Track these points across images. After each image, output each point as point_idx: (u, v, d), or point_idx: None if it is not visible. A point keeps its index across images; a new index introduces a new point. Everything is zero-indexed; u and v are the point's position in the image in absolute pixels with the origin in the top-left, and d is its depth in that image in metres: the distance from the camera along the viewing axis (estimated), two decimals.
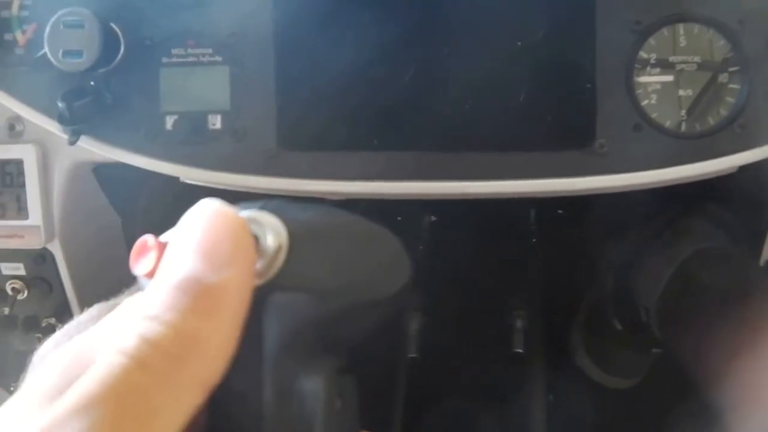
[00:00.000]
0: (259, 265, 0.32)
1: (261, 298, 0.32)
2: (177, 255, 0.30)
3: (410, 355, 1.04)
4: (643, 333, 1.03)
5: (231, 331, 0.30)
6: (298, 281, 0.32)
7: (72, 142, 0.74)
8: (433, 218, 1.10)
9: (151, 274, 0.33)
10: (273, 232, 0.33)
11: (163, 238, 0.34)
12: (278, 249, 0.32)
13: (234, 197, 0.77)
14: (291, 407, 0.33)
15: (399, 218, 1.04)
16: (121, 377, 0.27)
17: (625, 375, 1.19)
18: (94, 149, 0.77)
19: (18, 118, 0.83)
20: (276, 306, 0.32)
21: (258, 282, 0.32)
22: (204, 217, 0.31)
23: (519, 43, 0.74)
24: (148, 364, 0.27)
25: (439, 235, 1.09)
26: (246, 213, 0.33)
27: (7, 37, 0.79)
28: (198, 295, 0.29)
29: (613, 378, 1.19)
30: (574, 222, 1.12)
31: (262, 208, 0.34)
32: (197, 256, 0.30)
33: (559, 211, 1.13)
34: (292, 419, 0.33)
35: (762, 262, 0.73)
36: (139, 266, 0.33)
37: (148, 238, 0.33)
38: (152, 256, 0.33)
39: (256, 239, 0.32)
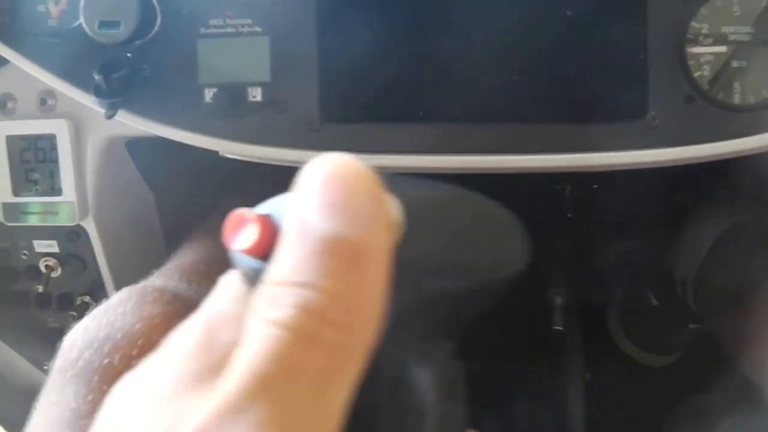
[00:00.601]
0: None
1: None
2: (309, 214, 0.27)
3: None
4: (679, 308, 1.02)
5: (383, 290, 0.28)
6: (415, 258, 0.31)
7: (109, 116, 0.72)
8: None
9: (253, 250, 0.31)
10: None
11: (260, 210, 0.33)
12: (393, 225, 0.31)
13: (275, 171, 0.76)
14: (403, 395, 0.32)
15: None
16: (288, 352, 0.25)
17: (662, 351, 1.18)
18: (131, 123, 0.76)
19: (50, 92, 0.82)
20: (391, 284, 0.31)
21: None
22: (331, 171, 0.28)
23: (569, 13, 0.72)
24: (313, 336, 0.25)
25: None
26: None
27: (40, 8, 0.77)
28: (347, 256, 0.27)
29: (651, 355, 1.18)
30: (609, 195, 1.11)
31: None
32: (335, 212, 0.27)
33: (594, 186, 1.11)
34: (404, 407, 0.32)
35: None
36: (237, 241, 0.31)
37: (244, 212, 0.31)
38: (252, 230, 0.31)
39: None
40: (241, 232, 0.32)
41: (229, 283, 0.31)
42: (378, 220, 0.28)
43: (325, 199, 0.27)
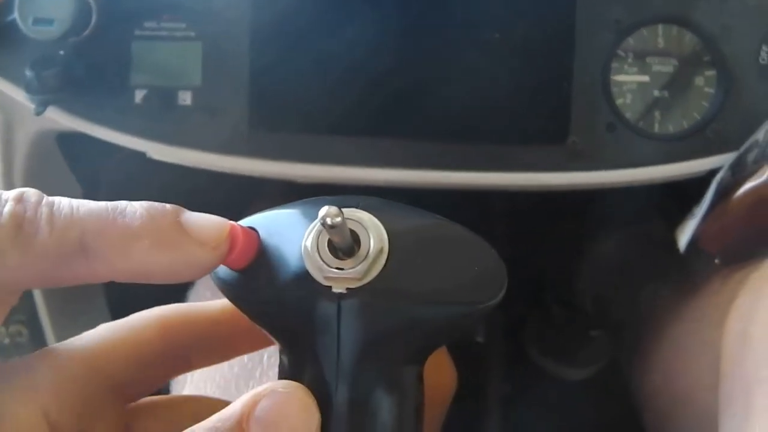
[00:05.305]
0: (359, 267, 0.33)
1: (359, 301, 0.33)
2: None
3: None
4: (579, 316, 1.07)
5: None
6: (397, 286, 0.34)
7: (39, 113, 0.75)
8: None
9: (232, 262, 0.35)
10: (375, 235, 0.34)
11: (245, 223, 0.37)
12: (379, 252, 0.33)
13: (207, 176, 0.79)
14: (366, 418, 0.35)
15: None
16: None
17: (574, 363, 1.22)
18: (61, 120, 0.78)
19: None
20: (371, 310, 0.34)
21: (355, 285, 0.33)
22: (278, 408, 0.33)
23: (497, 36, 0.75)
24: None
25: None
26: (348, 212, 0.34)
27: None
28: None
29: (563, 367, 1.22)
30: (535, 211, 1.15)
31: (360, 205, 0.35)
32: None
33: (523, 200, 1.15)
34: (359, 430, 0.35)
35: (681, 248, 0.76)
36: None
37: (230, 224, 0.35)
38: (235, 242, 0.35)
39: (357, 240, 0.34)
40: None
41: None
42: None
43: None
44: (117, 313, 1.03)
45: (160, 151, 0.78)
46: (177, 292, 0.84)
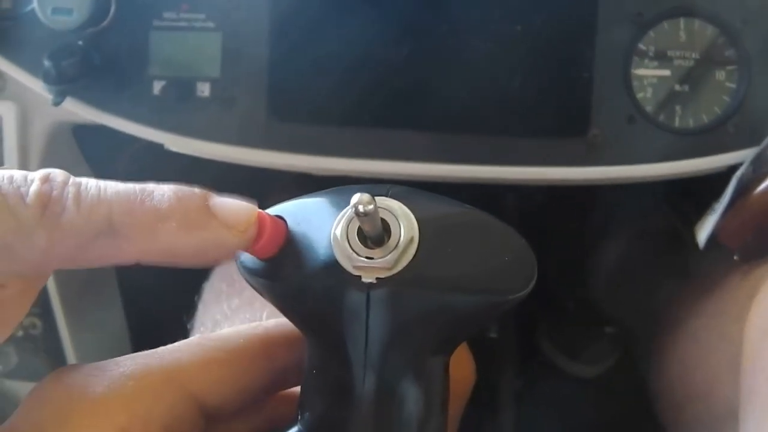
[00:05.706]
0: (389, 257, 0.33)
1: (389, 291, 0.33)
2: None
3: None
4: (592, 313, 1.07)
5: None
6: (427, 276, 0.33)
7: (57, 103, 0.75)
8: None
9: (258, 251, 0.35)
10: (405, 224, 0.33)
11: (273, 212, 0.36)
12: (409, 241, 0.33)
13: (221, 168, 0.78)
14: (390, 406, 0.34)
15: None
16: None
17: (586, 360, 1.21)
18: (78, 111, 0.78)
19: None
20: (400, 300, 0.33)
21: (385, 274, 0.33)
22: None
23: (518, 27, 0.75)
24: None
25: None
26: (379, 200, 0.33)
27: None
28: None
29: (575, 363, 1.22)
30: (549, 207, 1.15)
31: (390, 193, 0.35)
32: None
33: (539, 196, 1.15)
34: (391, 418, 0.35)
35: (700, 244, 0.75)
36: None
37: (259, 213, 0.35)
38: (262, 231, 0.35)
39: (387, 229, 0.33)
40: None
41: None
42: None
43: None
44: (130, 306, 1.03)
45: (177, 143, 0.78)
46: (191, 284, 0.83)
